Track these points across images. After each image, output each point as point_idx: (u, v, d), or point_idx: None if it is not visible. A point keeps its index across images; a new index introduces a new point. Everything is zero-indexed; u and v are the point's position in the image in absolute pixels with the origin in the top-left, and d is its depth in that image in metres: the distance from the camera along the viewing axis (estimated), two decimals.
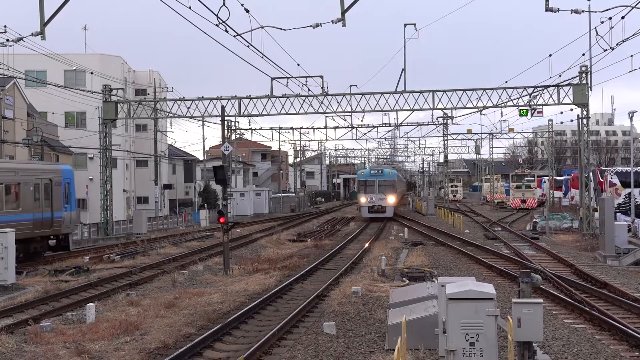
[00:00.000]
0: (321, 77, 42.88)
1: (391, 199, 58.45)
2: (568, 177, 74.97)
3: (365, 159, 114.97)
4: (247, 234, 45.34)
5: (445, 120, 71.62)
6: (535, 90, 42.90)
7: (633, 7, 25.03)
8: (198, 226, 55.60)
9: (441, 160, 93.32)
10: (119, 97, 48.04)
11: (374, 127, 68.57)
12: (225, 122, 31.82)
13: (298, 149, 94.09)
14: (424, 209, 72.13)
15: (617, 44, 28.66)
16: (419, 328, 13.75)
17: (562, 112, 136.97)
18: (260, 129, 69.95)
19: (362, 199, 59.14)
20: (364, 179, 59.90)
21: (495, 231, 44.68)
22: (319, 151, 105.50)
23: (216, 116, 44.23)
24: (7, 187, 28.86)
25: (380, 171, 60.97)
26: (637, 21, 33.10)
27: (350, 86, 47.21)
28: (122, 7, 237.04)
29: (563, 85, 42.09)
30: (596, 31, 28.47)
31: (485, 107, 44.67)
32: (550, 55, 39.91)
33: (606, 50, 29.00)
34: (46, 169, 33.24)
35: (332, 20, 22.18)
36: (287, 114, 44.37)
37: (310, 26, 23.83)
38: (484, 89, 43.33)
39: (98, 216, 49.99)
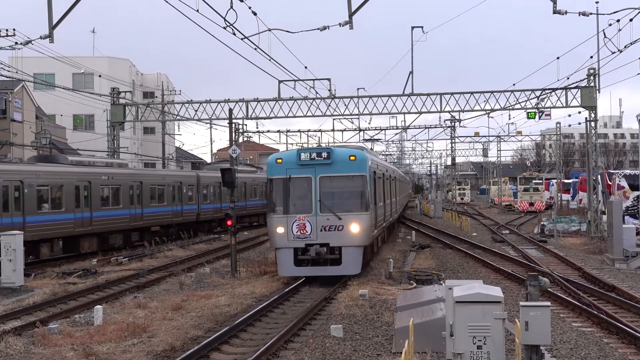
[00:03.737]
0: (328, 79, 42.86)
1: (355, 227, 23.79)
2: (576, 179, 74.70)
3: None
4: (255, 236, 45.34)
5: (453, 123, 71.38)
6: (543, 92, 42.81)
7: None
8: None
9: (449, 163, 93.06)
10: (127, 100, 48.18)
11: (382, 129, 68.42)
12: (233, 124, 31.87)
13: None
14: (431, 211, 72.02)
15: (625, 47, 28.65)
16: (426, 331, 13.74)
17: (570, 115, 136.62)
18: (268, 131, 70.09)
19: (279, 229, 23.89)
20: (282, 174, 24.19)
21: (502, 234, 44.58)
22: None
23: (224, 119, 44.40)
24: (260, 186, 54.58)
25: (325, 154, 24.10)
26: None
27: (358, 89, 47.10)
28: (130, 10, 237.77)
29: (571, 88, 41.98)
30: (604, 34, 28.40)
31: (492, 110, 44.61)
32: (558, 58, 39.97)
33: (614, 52, 28.99)
34: (264, 177, 55.31)
35: (340, 23, 22.14)
36: (294, 116, 44.41)
37: (318, 29, 23.80)
38: (492, 92, 43.25)
39: None
